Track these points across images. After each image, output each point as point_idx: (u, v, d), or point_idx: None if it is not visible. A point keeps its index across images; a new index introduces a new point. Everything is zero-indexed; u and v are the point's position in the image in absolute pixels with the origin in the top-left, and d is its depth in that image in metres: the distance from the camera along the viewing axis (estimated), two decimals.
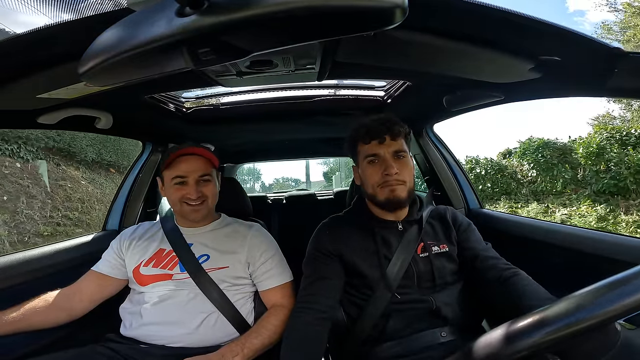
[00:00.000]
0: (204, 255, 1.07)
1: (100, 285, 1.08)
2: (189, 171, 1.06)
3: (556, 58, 0.69)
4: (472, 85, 0.97)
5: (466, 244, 0.98)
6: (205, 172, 1.08)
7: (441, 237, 0.99)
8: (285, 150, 2.70)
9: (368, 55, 0.80)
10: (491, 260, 0.92)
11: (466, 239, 0.99)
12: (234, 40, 0.39)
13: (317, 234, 1.04)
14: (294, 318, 0.90)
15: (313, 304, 0.89)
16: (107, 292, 1.10)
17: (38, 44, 0.59)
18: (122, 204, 1.55)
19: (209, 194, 1.09)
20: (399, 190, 0.91)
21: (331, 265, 0.95)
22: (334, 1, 0.34)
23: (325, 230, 1.03)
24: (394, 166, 0.91)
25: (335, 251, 0.96)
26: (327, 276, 0.94)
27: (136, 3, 0.45)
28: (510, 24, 0.60)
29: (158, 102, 1.17)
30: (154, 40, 0.38)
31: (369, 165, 0.95)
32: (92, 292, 1.07)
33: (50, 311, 0.99)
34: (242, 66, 0.81)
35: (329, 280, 0.93)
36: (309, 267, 0.98)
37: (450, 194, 1.63)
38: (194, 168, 1.06)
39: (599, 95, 0.81)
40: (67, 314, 1.02)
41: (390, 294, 0.90)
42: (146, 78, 0.50)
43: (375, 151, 0.93)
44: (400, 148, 0.93)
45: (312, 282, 0.94)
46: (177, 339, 0.97)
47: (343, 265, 0.96)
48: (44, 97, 0.80)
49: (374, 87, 1.36)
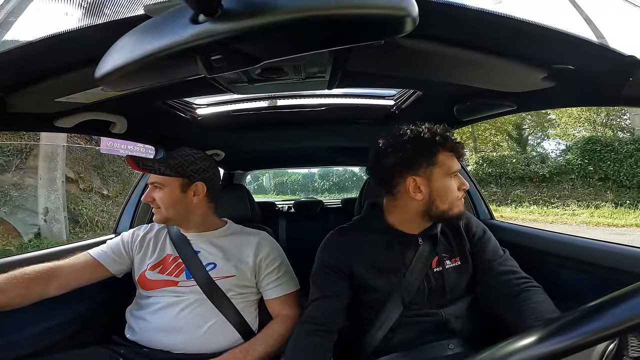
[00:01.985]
0: (211, 263, 1.07)
1: (88, 270, 1.05)
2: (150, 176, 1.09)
3: (570, 67, 0.68)
4: (483, 94, 0.96)
5: (480, 257, 0.94)
6: (155, 180, 1.07)
7: (455, 250, 0.95)
8: (294, 159, 2.71)
9: (378, 64, 0.80)
10: (504, 275, 0.88)
11: (480, 250, 0.95)
12: (247, 48, 0.40)
13: (325, 247, 0.99)
14: (300, 332, 0.88)
15: (319, 320, 0.87)
16: (87, 279, 1.04)
17: (57, 49, 0.61)
18: (133, 208, 1.57)
19: (159, 201, 1.05)
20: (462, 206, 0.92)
21: (339, 283, 0.92)
22: (346, 10, 0.35)
23: (334, 244, 0.99)
24: (464, 183, 0.92)
25: (344, 267, 0.93)
26: (334, 294, 0.91)
27: (153, 10, 0.46)
28: (522, 33, 0.59)
29: (171, 108, 1.19)
30: (169, 47, 0.38)
31: (450, 179, 0.90)
32: (78, 272, 1.02)
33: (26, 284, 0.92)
34: (253, 74, 0.82)
35: (336, 298, 0.90)
36: (316, 283, 0.94)
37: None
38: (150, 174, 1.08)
39: (613, 104, 0.79)
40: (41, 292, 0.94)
41: (402, 309, 0.88)
42: (160, 84, 0.51)
43: (459, 167, 0.92)
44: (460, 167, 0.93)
45: (319, 298, 0.91)
46: (181, 345, 0.97)
47: (352, 280, 0.93)
48: (61, 101, 0.82)
49: (384, 96, 1.36)
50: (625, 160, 10.59)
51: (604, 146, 11.02)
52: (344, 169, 14.54)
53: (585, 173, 11.13)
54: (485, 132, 15.86)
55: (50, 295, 0.96)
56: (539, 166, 11.98)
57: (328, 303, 0.90)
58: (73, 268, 1.02)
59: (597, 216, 9.56)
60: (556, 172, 11.47)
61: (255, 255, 1.09)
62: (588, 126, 13.85)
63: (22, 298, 0.90)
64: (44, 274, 0.95)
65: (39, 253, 1.14)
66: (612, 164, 10.76)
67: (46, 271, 0.96)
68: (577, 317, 0.37)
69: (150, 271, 1.07)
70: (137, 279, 1.08)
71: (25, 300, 0.91)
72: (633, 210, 9.58)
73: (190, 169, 1.07)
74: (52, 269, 0.98)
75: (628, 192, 10.49)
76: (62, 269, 0.99)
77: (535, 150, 15.85)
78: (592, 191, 10.95)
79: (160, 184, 1.06)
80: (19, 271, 0.92)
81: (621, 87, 0.66)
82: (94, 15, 0.57)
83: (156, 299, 1.03)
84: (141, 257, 1.10)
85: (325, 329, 0.86)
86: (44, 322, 1.04)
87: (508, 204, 11.10)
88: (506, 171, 12.04)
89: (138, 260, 1.10)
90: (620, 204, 10.08)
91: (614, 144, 10.93)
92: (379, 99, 1.36)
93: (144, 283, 1.06)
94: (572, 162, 11.37)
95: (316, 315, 0.88)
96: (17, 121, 0.91)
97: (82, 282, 1.03)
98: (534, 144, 16.59)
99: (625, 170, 10.52)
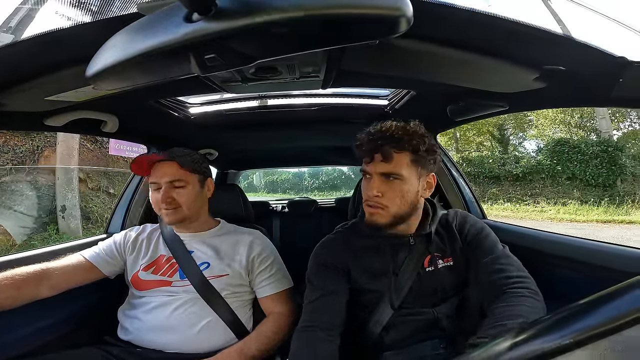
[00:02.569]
0: (205, 262, 1.06)
1: (81, 272, 1.03)
2: (159, 176, 1.06)
3: (561, 67, 0.69)
4: (476, 95, 0.97)
5: (473, 255, 0.91)
6: (175, 178, 1.05)
7: (447, 249, 0.93)
8: (288, 158, 2.71)
9: (373, 64, 0.80)
10: (493, 275, 0.84)
11: (473, 248, 0.92)
12: (241, 47, 0.40)
13: (322, 246, 0.98)
14: (302, 338, 0.82)
15: (321, 323, 0.83)
16: (80, 280, 1.03)
17: (48, 47, 0.60)
18: (124, 208, 1.55)
19: (181, 200, 1.05)
20: (376, 216, 0.85)
21: (338, 279, 0.90)
22: (340, 9, 0.35)
23: (331, 244, 0.97)
24: (374, 188, 0.83)
25: (342, 266, 0.91)
26: (334, 292, 0.88)
27: (146, 8, 0.45)
28: (514, 34, 0.60)
29: (164, 106, 1.18)
30: (162, 45, 0.38)
31: (363, 180, 0.89)
32: (70, 274, 1.01)
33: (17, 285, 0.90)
34: (247, 73, 0.82)
35: (335, 295, 0.88)
36: (313, 283, 0.91)
37: (453, 205, 1.62)
38: (163, 173, 1.06)
39: (603, 105, 0.80)
40: (32, 294, 0.93)
41: (394, 309, 0.87)
42: (153, 83, 0.50)
43: (364, 168, 0.87)
44: (391, 170, 0.83)
45: (319, 297, 0.88)
46: (175, 345, 0.96)
47: (349, 282, 0.91)
48: (52, 100, 0.80)
49: (378, 96, 1.36)
50: (590, 161, 11.48)
51: (572, 147, 11.91)
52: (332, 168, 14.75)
53: (554, 173, 12.00)
54: (467, 132, 16.36)
55: (42, 296, 0.94)
56: (513, 166, 12.75)
57: (328, 301, 0.87)
58: (65, 270, 1.00)
59: (563, 212, 10.30)
60: (528, 172, 12.30)
61: (248, 253, 1.09)
62: (563, 127, 14.68)
63: (13, 299, 0.88)
64: (34, 275, 0.93)
65: (29, 253, 1.13)
66: (579, 164, 11.66)
67: (37, 273, 0.94)
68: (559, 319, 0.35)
69: (144, 272, 1.06)
70: (130, 279, 1.07)
71: (16, 301, 0.89)
72: (596, 207, 10.40)
73: (203, 166, 1.13)
74: (44, 270, 0.96)
75: (593, 190, 11.36)
76: (53, 271, 0.98)
77: (518, 150, 16.42)
78: (561, 189, 11.81)
79: (183, 180, 1.07)
80: (9, 272, 0.90)
81: (611, 88, 0.67)
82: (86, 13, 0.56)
83: (150, 299, 1.02)
84: (134, 258, 1.09)
85: (328, 333, 0.82)
86: (36, 323, 1.02)
87: (485, 201, 11.61)
88: (484, 171, 12.79)
89: (131, 261, 1.09)
90: (585, 201, 10.92)
91: (580, 145, 11.84)
92: (373, 98, 1.36)
93: (137, 283, 1.05)
94: (543, 162, 12.25)
95: (316, 317, 0.85)
96: (6, 120, 0.89)
97: (74, 283, 1.01)
98: (516, 144, 17.08)
99: (591, 170, 11.41)
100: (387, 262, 0.90)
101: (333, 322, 0.84)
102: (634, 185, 11.26)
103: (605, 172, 11.28)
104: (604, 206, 10.37)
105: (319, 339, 0.81)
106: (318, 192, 16.23)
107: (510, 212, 11.09)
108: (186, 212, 1.07)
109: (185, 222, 1.10)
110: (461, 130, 16.07)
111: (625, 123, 14.64)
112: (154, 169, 1.07)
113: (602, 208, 10.26)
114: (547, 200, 11.49)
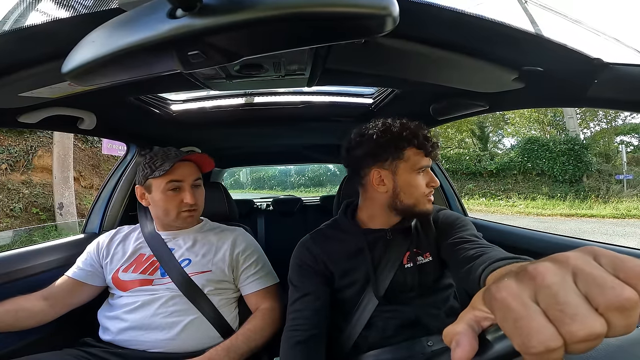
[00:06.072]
0: (186, 259, 1.05)
1: (75, 291, 1.05)
2: (185, 175, 1.04)
3: (539, 68, 0.71)
4: (458, 94, 0.99)
5: (444, 237, 0.91)
6: (198, 176, 1.07)
7: (425, 245, 0.94)
8: (274, 156, 2.69)
9: (358, 63, 0.81)
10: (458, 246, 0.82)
11: (444, 230, 0.93)
12: (225, 44, 0.39)
13: (301, 245, 0.98)
14: (288, 340, 0.84)
15: (304, 324, 0.85)
16: (82, 298, 1.06)
17: (22, 42, 0.57)
18: (103, 207, 1.51)
19: (200, 200, 1.09)
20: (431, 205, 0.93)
21: (318, 278, 0.91)
22: (327, 8, 0.35)
23: (310, 244, 0.97)
24: (435, 178, 0.92)
25: (322, 264, 0.92)
26: (314, 291, 0.89)
27: (127, 3, 0.44)
28: (494, 34, 0.61)
29: (144, 103, 1.15)
30: (144, 42, 0.37)
31: (417, 174, 0.90)
32: (65, 297, 1.03)
33: (20, 315, 0.94)
34: (231, 70, 0.81)
35: (315, 295, 0.89)
36: (295, 283, 0.93)
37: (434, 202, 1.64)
38: (189, 172, 1.05)
39: (579, 105, 0.83)
40: (37, 319, 0.97)
41: (376, 305, 0.88)
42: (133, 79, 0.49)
43: (427, 163, 0.91)
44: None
45: (300, 297, 0.89)
46: (158, 344, 0.94)
47: (329, 280, 0.92)
48: (25, 96, 0.77)
49: (363, 94, 1.37)
50: (558, 158, 12.31)
51: (541, 145, 12.73)
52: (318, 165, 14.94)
53: (525, 169, 12.84)
54: (447, 130, 16.90)
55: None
56: (488, 163, 13.50)
57: (310, 300, 0.88)
58: (61, 295, 1.03)
59: (531, 207, 11.00)
60: (502, 168, 13.13)
61: (231, 250, 1.09)
62: (537, 126, 15.53)
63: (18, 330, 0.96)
64: (40, 309, 0.98)
65: (8, 253, 1.10)
66: (547, 161, 12.47)
67: (42, 311, 0.99)
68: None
69: (124, 272, 1.04)
70: (110, 281, 1.05)
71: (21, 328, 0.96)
72: (562, 202, 11.13)
73: None
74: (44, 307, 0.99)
75: (560, 185, 12.19)
76: (56, 301, 1.02)
77: (497, 147, 17.14)
78: (531, 185, 12.68)
79: (200, 179, 1.09)
80: (12, 309, 0.94)
81: (587, 88, 0.69)
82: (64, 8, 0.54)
83: (131, 299, 1.00)
84: (110, 260, 1.07)
85: (313, 332, 0.84)
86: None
87: (462, 196, 12.32)
88: (461, 167, 13.55)
89: (107, 265, 1.07)
90: (553, 196, 11.69)
91: (549, 143, 12.64)
92: (358, 97, 1.37)
93: (118, 284, 1.03)
94: (514, 159, 13.07)
95: (300, 316, 0.86)
96: None
97: (77, 304, 1.06)
98: (495, 141, 17.73)
99: (559, 166, 12.25)
100: (366, 259, 0.91)
101: (317, 322, 0.85)
102: (599, 181, 12.00)
103: (572, 168, 12.01)
104: (569, 201, 11.01)
105: (303, 343, 0.82)
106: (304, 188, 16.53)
107: (484, 206, 11.75)
108: (200, 211, 1.09)
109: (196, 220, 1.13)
110: (442, 127, 16.46)
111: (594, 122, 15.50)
112: (175, 168, 1.04)
113: (568, 202, 10.87)
114: (519, 195, 12.24)
